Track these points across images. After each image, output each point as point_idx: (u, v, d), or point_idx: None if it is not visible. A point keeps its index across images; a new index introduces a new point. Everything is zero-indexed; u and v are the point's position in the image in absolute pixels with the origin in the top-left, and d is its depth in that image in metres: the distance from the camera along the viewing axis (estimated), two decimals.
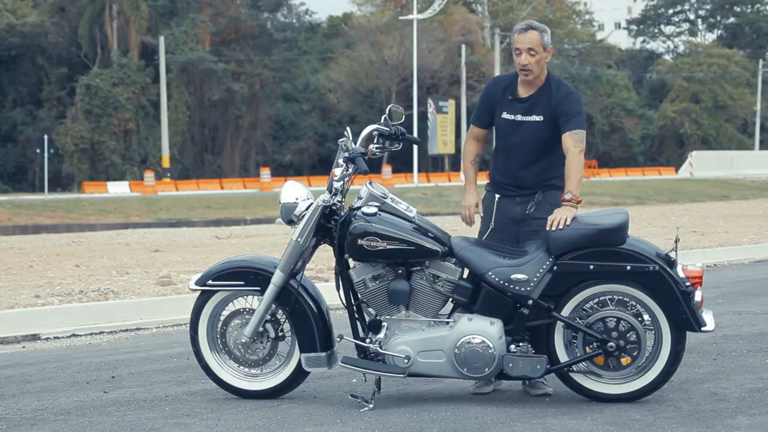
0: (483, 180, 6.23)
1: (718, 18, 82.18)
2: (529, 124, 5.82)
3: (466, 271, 5.60)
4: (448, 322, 5.56)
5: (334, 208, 5.61)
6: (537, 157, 5.83)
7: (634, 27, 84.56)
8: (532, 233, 5.75)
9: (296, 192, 5.71)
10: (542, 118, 5.79)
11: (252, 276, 5.72)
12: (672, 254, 5.48)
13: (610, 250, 5.43)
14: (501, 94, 5.90)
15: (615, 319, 5.45)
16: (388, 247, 5.48)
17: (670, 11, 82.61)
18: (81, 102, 53.22)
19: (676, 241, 5.60)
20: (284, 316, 5.74)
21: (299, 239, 5.63)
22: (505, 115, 5.88)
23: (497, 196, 5.94)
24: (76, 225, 29.92)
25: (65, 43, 57.76)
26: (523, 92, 5.86)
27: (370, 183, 5.68)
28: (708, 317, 5.49)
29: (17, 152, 55.67)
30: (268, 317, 5.73)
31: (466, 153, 6.08)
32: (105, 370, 6.73)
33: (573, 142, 5.66)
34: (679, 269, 5.46)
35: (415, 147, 45.60)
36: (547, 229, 5.47)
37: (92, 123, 52.91)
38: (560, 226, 5.43)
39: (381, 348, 5.53)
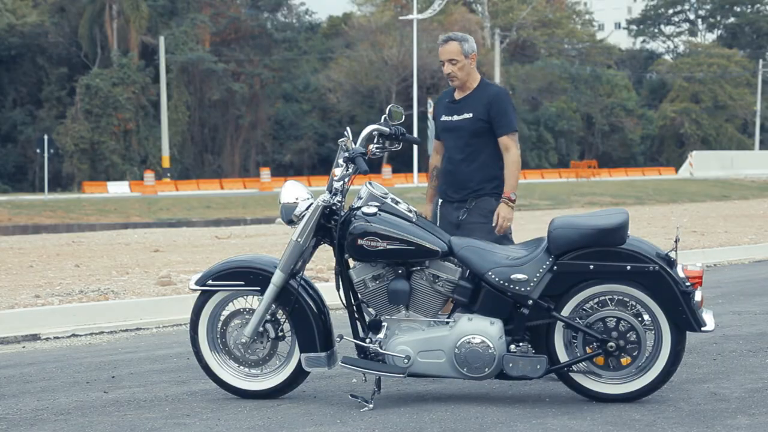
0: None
1: (718, 18, 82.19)
2: (460, 121, 6.33)
3: (467, 271, 5.60)
4: (448, 322, 5.56)
5: (334, 208, 5.62)
6: (468, 155, 6.28)
7: (634, 27, 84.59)
8: (469, 234, 6.00)
9: (296, 192, 5.71)
10: (472, 115, 6.28)
11: (252, 276, 5.72)
12: (672, 254, 5.48)
13: (610, 250, 5.43)
14: (443, 102, 6.47)
15: (615, 319, 5.45)
16: (388, 247, 5.48)
17: (670, 11, 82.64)
18: (81, 102, 53.21)
19: (676, 241, 5.60)
20: (284, 316, 5.74)
21: (299, 239, 5.64)
22: (443, 118, 6.40)
23: (440, 200, 6.46)
24: (76, 225, 29.92)
25: (65, 43, 57.76)
26: (458, 96, 6.40)
27: (370, 183, 5.68)
28: (708, 317, 5.49)
29: (17, 152, 55.66)
30: (268, 317, 5.73)
31: (430, 165, 6.63)
32: (105, 370, 6.73)
33: (513, 143, 6.24)
34: (679, 269, 5.46)
35: (415, 147, 45.55)
36: (497, 233, 6.11)
37: (92, 123, 52.90)
38: (505, 225, 6.13)
39: (381, 348, 5.53)
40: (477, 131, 6.24)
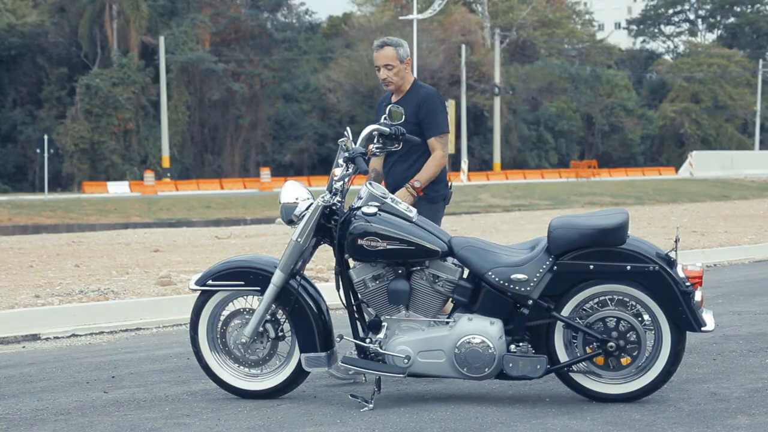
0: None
1: (718, 18, 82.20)
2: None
3: (466, 271, 5.61)
4: (448, 322, 5.56)
5: (334, 208, 5.62)
6: (401, 156, 6.33)
7: (634, 27, 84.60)
8: None
9: (296, 192, 5.71)
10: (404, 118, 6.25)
11: (252, 276, 5.72)
12: (672, 254, 5.48)
13: (610, 250, 5.43)
14: (382, 105, 6.46)
15: (615, 319, 5.45)
16: (388, 247, 5.49)
17: (670, 11, 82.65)
18: (81, 102, 53.22)
19: (676, 241, 5.60)
20: (284, 316, 5.74)
21: (299, 239, 5.64)
22: (382, 121, 6.32)
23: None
24: (76, 225, 29.94)
25: (65, 43, 57.77)
26: (394, 99, 6.46)
27: (370, 183, 5.68)
28: (708, 317, 5.49)
29: (17, 152, 55.67)
30: (268, 317, 5.73)
31: (369, 167, 6.56)
32: (105, 370, 6.73)
33: (440, 146, 6.34)
34: (679, 269, 5.46)
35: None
36: None
37: (92, 123, 52.92)
38: None
39: (381, 348, 5.53)
40: (409, 133, 6.19)
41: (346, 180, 5.66)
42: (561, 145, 66.01)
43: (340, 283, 5.63)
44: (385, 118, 5.84)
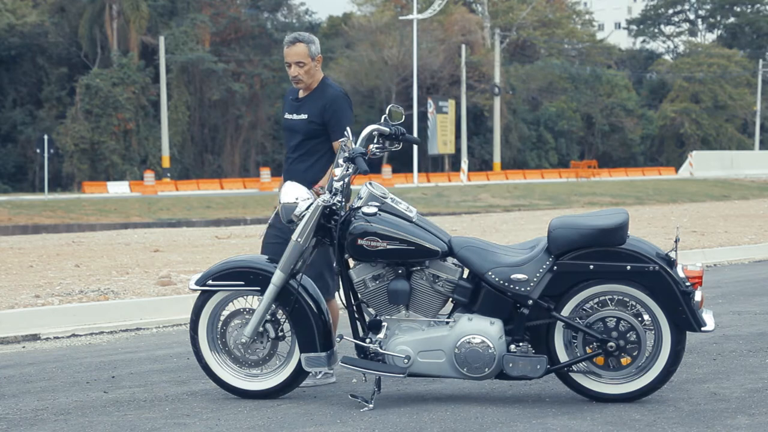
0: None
1: (718, 18, 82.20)
2: (296, 121, 6.27)
3: (466, 271, 5.61)
4: (448, 322, 5.56)
5: (334, 208, 5.62)
6: (301, 155, 6.23)
7: (634, 27, 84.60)
8: (287, 234, 5.91)
9: (296, 192, 5.71)
10: (307, 116, 6.21)
11: (252, 276, 5.73)
12: (672, 254, 5.48)
13: (610, 250, 5.44)
14: (288, 99, 6.38)
15: (615, 319, 5.45)
16: (388, 247, 5.49)
17: (670, 11, 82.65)
18: (81, 102, 53.21)
19: (676, 241, 5.60)
20: (284, 316, 5.74)
21: (299, 239, 5.64)
22: (286, 116, 6.36)
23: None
24: (76, 225, 29.92)
25: (65, 43, 57.76)
26: (300, 94, 6.32)
27: (370, 183, 5.68)
28: (708, 317, 5.49)
29: (17, 152, 55.66)
30: (268, 317, 5.73)
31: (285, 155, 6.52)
32: (105, 370, 6.74)
33: None
34: (679, 269, 5.46)
35: (415, 147, 45.61)
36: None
37: (92, 123, 52.91)
38: None
39: (381, 348, 5.53)
40: (310, 132, 6.16)
41: (346, 180, 5.66)
42: (561, 145, 66.00)
43: (340, 283, 5.64)
44: (385, 119, 5.83)
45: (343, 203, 5.68)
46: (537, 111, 65.49)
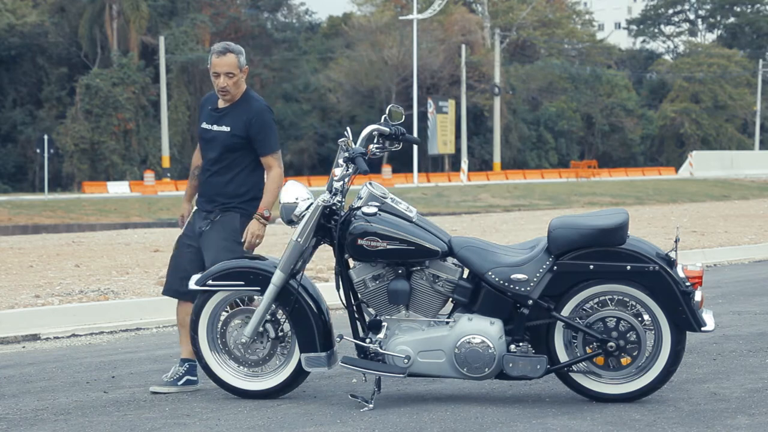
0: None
1: (718, 18, 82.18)
2: (217, 132, 6.04)
3: (466, 271, 5.61)
4: (448, 322, 5.56)
5: (334, 208, 5.62)
6: (221, 169, 6.02)
7: (634, 27, 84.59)
8: (205, 249, 5.93)
9: (296, 192, 5.71)
10: (229, 129, 6.00)
11: (252, 276, 5.73)
12: (672, 254, 5.48)
13: (610, 250, 5.44)
14: (206, 107, 6.17)
15: (615, 319, 5.45)
16: (388, 247, 5.49)
17: (670, 11, 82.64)
18: (81, 102, 53.22)
19: (676, 241, 5.60)
20: (284, 316, 5.74)
21: (299, 239, 5.64)
22: (203, 125, 6.15)
23: (195, 207, 6.21)
24: (76, 225, 29.92)
25: (65, 43, 57.77)
26: (221, 104, 6.09)
27: (370, 183, 5.68)
28: (708, 317, 5.49)
29: (17, 152, 55.66)
30: (268, 317, 5.73)
31: (192, 164, 6.35)
32: (105, 370, 6.74)
33: (276, 162, 6.00)
34: (679, 269, 5.46)
35: (415, 147, 45.62)
36: (245, 249, 5.89)
37: (92, 123, 52.91)
38: (254, 242, 5.89)
39: (381, 348, 5.53)
40: (232, 146, 5.97)
41: (346, 180, 5.66)
42: (561, 145, 66.00)
43: (340, 283, 5.64)
44: (385, 119, 5.84)
45: (343, 203, 5.68)
46: (537, 111, 65.49)
